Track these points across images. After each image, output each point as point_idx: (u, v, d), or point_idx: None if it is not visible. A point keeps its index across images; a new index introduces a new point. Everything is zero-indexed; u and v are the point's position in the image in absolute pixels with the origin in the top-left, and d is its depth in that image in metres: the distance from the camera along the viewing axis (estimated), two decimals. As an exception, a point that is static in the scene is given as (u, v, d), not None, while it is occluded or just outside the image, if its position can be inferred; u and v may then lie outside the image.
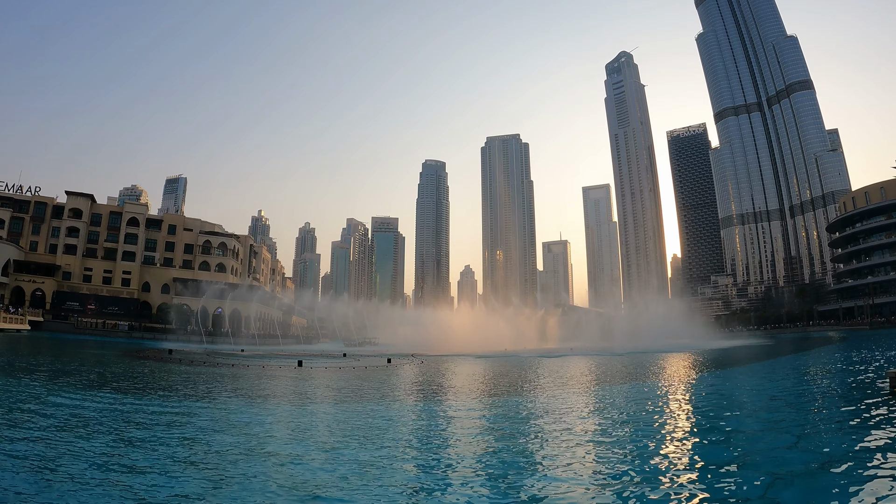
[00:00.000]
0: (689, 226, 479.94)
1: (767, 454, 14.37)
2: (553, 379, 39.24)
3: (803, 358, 57.50)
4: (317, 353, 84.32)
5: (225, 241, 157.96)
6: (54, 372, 36.39)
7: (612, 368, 49.02)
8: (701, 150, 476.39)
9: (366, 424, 19.72)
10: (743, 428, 18.57)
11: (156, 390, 29.27)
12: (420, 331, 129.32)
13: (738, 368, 48.11)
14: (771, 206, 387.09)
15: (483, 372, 46.34)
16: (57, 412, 20.01)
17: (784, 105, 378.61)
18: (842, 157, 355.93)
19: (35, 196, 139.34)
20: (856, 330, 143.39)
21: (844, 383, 31.08)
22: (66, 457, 13.31)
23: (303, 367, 47.28)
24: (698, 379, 38.84)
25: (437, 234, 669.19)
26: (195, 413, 21.26)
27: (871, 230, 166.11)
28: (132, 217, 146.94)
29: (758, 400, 26.33)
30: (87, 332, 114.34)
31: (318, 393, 30.88)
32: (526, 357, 71.90)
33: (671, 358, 64.12)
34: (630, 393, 29.66)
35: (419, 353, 75.63)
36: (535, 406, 25.25)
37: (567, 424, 19.46)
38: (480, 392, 31.28)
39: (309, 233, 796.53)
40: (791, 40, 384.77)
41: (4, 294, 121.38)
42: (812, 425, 18.69)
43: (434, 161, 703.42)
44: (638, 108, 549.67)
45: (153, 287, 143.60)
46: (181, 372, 40.60)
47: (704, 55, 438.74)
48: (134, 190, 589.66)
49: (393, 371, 45.93)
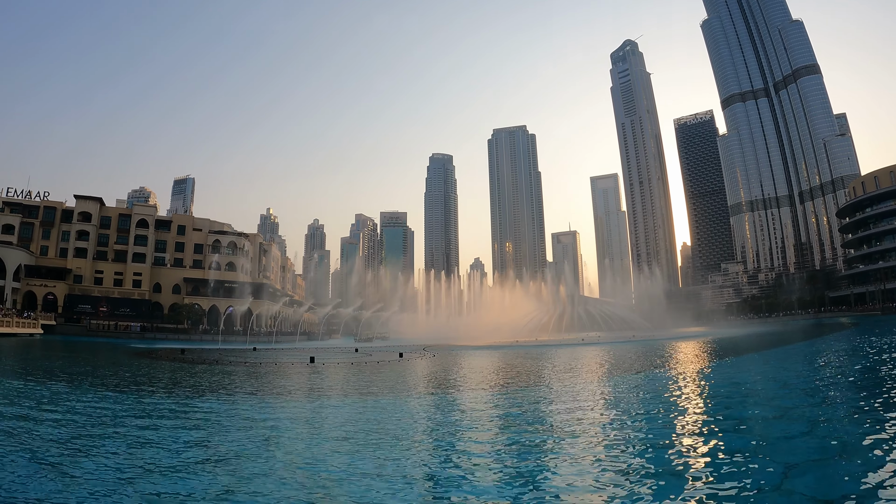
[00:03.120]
0: (698, 214, 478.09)
1: (782, 442, 14.31)
2: (565, 369, 39.22)
3: (816, 345, 57.19)
4: (328, 349, 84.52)
5: (234, 240, 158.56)
6: (68, 374, 36.64)
7: (624, 357, 48.98)
8: (708, 137, 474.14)
9: (380, 419, 19.76)
10: (756, 416, 18.50)
11: (169, 390, 29.41)
12: (432, 325, 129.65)
13: (751, 356, 47.91)
14: (780, 193, 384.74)
15: (495, 364, 46.35)
16: (71, 414, 20.16)
17: (791, 90, 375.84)
18: (850, 141, 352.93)
19: (44, 201, 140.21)
20: (868, 315, 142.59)
21: (857, 370, 30.91)
22: (81, 457, 13.41)
23: (315, 364, 47.40)
24: (710, 366, 38.71)
25: (446, 227, 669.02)
26: (209, 412, 21.36)
27: (882, 215, 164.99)
28: (141, 219, 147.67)
29: (771, 387, 26.21)
30: (99, 335, 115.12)
31: (331, 389, 30.94)
32: (537, 347, 71.90)
33: (683, 345, 64.00)
34: (642, 382, 29.60)
35: (431, 346, 75.70)
36: (548, 396, 25.26)
37: (579, 414, 19.45)
38: (493, 384, 31.26)
39: (318, 229, 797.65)
40: (797, 24, 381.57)
41: (17, 298, 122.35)
42: (826, 413, 18.59)
43: (441, 155, 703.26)
44: (644, 97, 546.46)
45: (164, 288, 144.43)
46: (194, 371, 40.80)
47: (710, 41, 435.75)
48: (142, 192, 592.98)
49: (405, 365, 45.98)
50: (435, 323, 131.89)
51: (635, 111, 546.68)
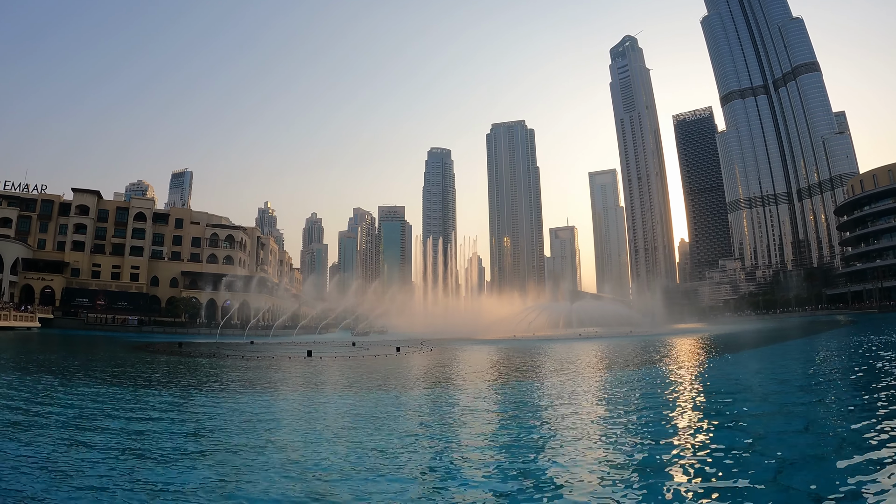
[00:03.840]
0: (696, 210, 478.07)
1: (777, 438, 14.36)
2: (561, 364, 39.27)
3: (812, 342, 57.34)
4: (326, 342, 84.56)
5: (232, 234, 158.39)
6: (65, 368, 36.65)
7: (621, 353, 49.04)
8: (707, 133, 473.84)
9: (375, 413, 19.77)
10: (753, 412, 18.54)
11: (166, 383, 29.42)
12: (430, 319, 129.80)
13: (747, 352, 48.01)
14: (778, 190, 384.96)
15: (492, 359, 46.39)
16: (67, 407, 20.18)
17: (791, 87, 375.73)
18: (849, 139, 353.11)
19: (42, 194, 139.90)
20: (865, 313, 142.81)
21: (854, 367, 31.00)
22: (77, 450, 13.42)
23: (312, 358, 47.44)
24: (707, 362, 38.78)
25: (444, 221, 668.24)
26: (205, 405, 21.38)
27: (880, 213, 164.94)
28: (139, 212, 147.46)
29: (767, 384, 26.26)
30: (97, 328, 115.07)
31: (327, 382, 30.97)
32: (535, 342, 72.05)
33: (679, 341, 64.10)
34: (639, 377, 29.62)
35: (428, 341, 75.78)
36: (545, 391, 25.29)
37: (576, 409, 19.50)
38: (489, 378, 31.29)
39: (316, 223, 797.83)
40: (797, 22, 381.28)
41: (14, 292, 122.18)
42: (822, 410, 18.64)
43: (439, 149, 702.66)
44: (643, 93, 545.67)
45: (162, 281, 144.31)
46: (191, 365, 40.82)
47: (710, 38, 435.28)
48: (140, 185, 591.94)
49: (402, 359, 46.01)
50: (433, 317, 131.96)
51: (634, 107, 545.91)
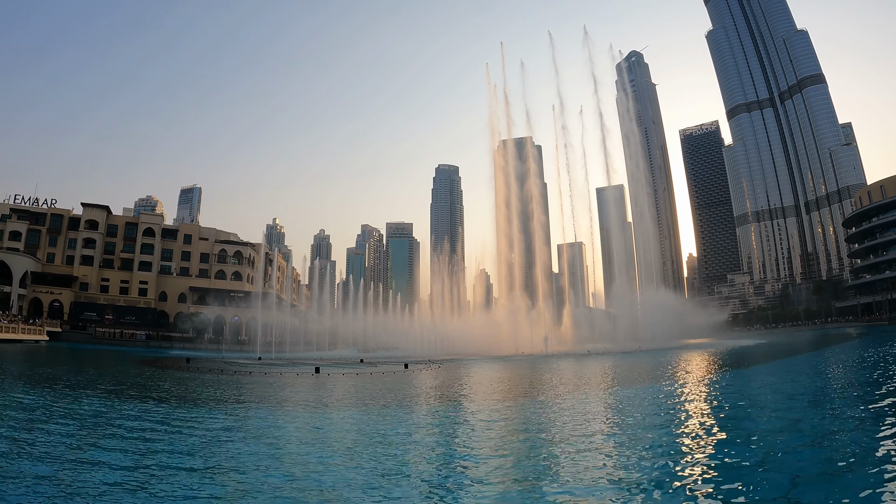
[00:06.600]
0: (704, 224, 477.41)
1: (788, 454, 14.22)
2: (570, 381, 39.08)
3: (823, 356, 56.85)
4: (334, 359, 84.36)
5: (240, 250, 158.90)
6: (73, 382, 36.67)
7: (629, 369, 48.74)
8: (714, 147, 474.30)
9: (384, 431, 19.70)
10: (763, 427, 18.38)
11: (174, 399, 29.43)
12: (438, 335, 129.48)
13: (757, 367, 47.65)
14: (786, 203, 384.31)
15: (501, 375, 46.22)
16: (75, 421, 20.20)
17: (797, 100, 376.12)
18: (856, 150, 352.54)
19: (51, 208, 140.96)
20: (875, 325, 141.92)
21: (865, 381, 30.70)
22: (85, 465, 13.42)
23: (320, 374, 47.37)
24: (717, 378, 38.50)
25: (452, 238, 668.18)
26: (213, 421, 21.36)
27: (888, 224, 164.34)
28: (148, 227, 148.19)
29: (777, 399, 26.03)
30: (104, 342, 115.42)
31: (336, 399, 30.93)
32: (543, 359, 71.77)
33: (688, 356, 63.68)
34: (648, 394, 29.42)
35: (436, 359, 75.59)
36: (553, 409, 25.13)
37: (585, 426, 19.39)
38: (499, 395, 31.17)
39: (324, 240, 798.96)
40: (801, 34, 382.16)
41: (23, 305, 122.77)
42: (833, 425, 18.47)
43: (447, 166, 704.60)
44: (650, 108, 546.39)
45: (170, 296, 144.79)
46: (199, 380, 40.82)
47: (715, 52, 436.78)
48: (149, 200, 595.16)
49: (410, 377, 45.86)
50: (441, 334, 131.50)
51: (641, 122, 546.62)
